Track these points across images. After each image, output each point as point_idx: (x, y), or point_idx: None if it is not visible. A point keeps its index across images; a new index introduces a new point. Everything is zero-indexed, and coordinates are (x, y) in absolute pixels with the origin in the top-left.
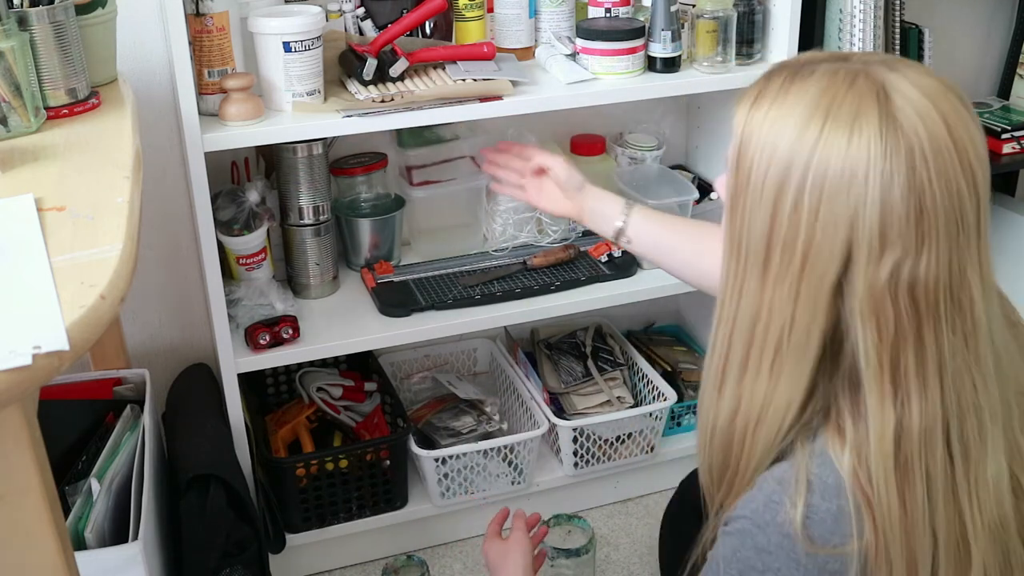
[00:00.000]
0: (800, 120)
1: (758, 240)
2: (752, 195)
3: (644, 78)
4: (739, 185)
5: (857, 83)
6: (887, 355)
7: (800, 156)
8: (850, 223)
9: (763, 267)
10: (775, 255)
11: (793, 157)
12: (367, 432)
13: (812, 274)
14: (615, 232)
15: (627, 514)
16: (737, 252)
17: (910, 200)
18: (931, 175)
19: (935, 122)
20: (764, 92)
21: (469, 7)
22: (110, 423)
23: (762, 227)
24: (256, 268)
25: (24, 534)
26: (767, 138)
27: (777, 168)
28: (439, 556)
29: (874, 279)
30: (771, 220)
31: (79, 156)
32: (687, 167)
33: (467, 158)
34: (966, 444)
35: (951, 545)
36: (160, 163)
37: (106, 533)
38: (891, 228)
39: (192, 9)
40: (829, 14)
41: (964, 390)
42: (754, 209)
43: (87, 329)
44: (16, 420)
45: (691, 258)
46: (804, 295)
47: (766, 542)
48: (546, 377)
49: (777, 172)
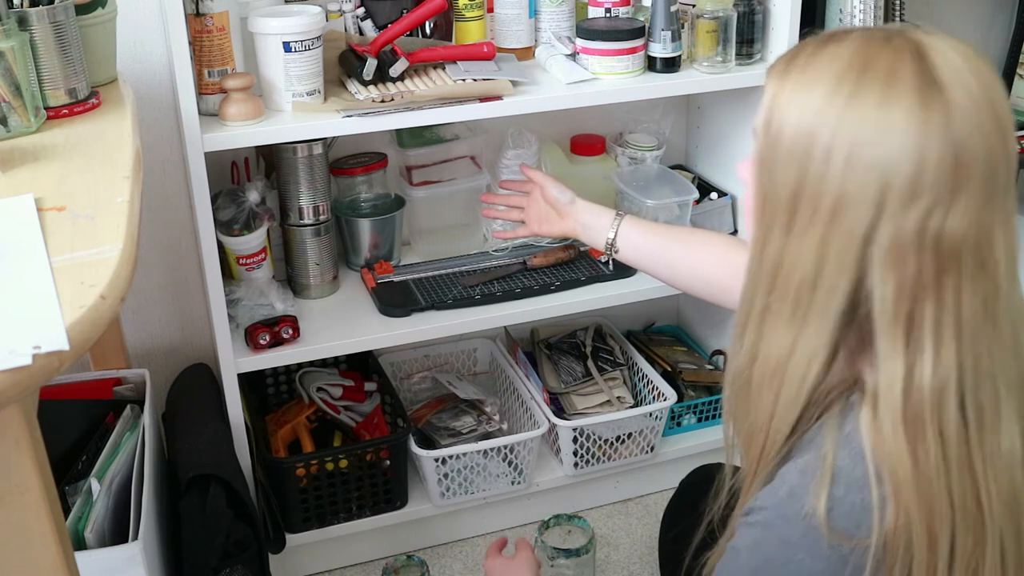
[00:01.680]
0: (834, 76)
1: (785, 194)
2: (781, 151)
3: (644, 78)
4: (767, 145)
5: (893, 42)
6: (904, 306)
7: (833, 108)
8: (883, 173)
9: (788, 220)
10: (801, 207)
11: (826, 109)
12: (367, 432)
13: (840, 226)
14: (607, 244)
15: (627, 514)
16: (762, 210)
17: (946, 151)
18: (968, 129)
19: (972, 81)
20: (796, 58)
21: (469, 7)
22: (110, 423)
23: (790, 181)
24: (256, 268)
25: (24, 534)
26: (799, 96)
27: (809, 122)
28: (439, 556)
29: (901, 227)
30: (800, 173)
31: (79, 156)
32: (687, 167)
33: (467, 158)
34: (980, 411)
35: (967, 514)
36: (160, 163)
37: (106, 533)
38: (925, 177)
39: (192, 9)
40: (829, 14)
41: (981, 355)
42: (784, 164)
43: (87, 329)
44: (16, 420)
45: (680, 261)
46: (832, 246)
47: (789, 534)
48: (546, 377)
49: (808, 125)
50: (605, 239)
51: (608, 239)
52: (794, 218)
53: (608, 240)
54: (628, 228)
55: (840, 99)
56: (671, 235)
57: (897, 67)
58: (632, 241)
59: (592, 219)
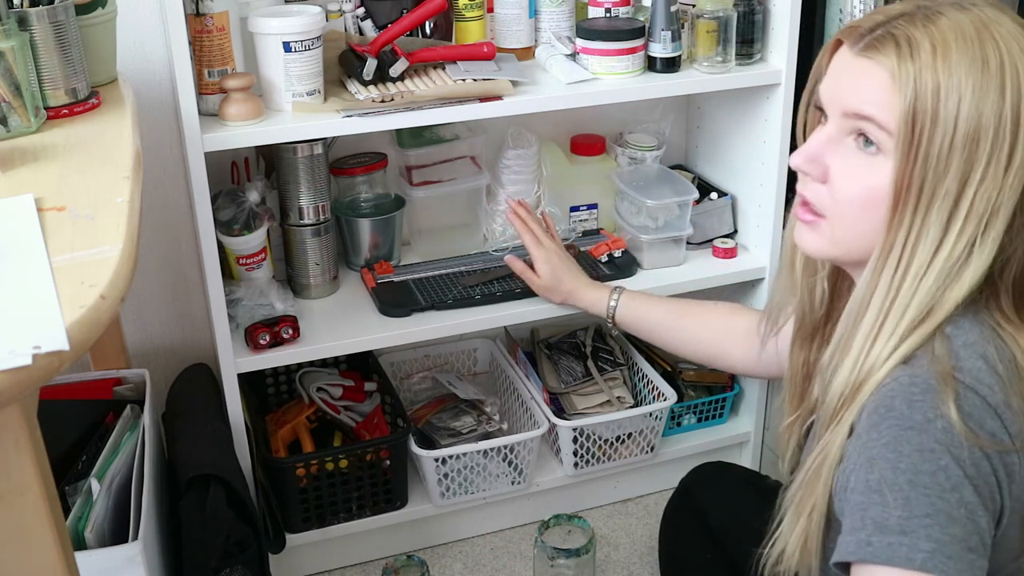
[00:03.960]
0: (968, 55)
1: (951, 184)
2: (951, 137)
3: (644, 78)
4: (923, 134)
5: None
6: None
7: (993, 93)
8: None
9: (952, 209)
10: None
11: (985, 95)
12: (367, 432)
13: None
14: (607, 317)
15: (627, 514)
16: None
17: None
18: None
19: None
20: (912, 39)
21: (469, 7)
22: (110, 423)
23: (957, 171)
24: (256, 268)
25: (24, 534)
26: (945, 84)
27: (969, 111)
28: (439, 556)
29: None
30: (967, 164)
31: (79, 156)
32: (687, 167)
33: (467, 158)
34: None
35: None
36: (160, 163)
37: (106, 533)
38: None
39: (192, 9)
40: (829, 14)
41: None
42: (949, 154)
43: (87, 329)
44: (16, 420)
45: (683, 329)
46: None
47: (925, 441)
48: (546, 377)
49: (969, 114)
50: (604, 312)
51: (608, 310)
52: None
53: (608, 311)
54: (626, 299)
55: (984, 60)
56: (667, 306)
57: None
58: (630, 313)
59: (589, 297)
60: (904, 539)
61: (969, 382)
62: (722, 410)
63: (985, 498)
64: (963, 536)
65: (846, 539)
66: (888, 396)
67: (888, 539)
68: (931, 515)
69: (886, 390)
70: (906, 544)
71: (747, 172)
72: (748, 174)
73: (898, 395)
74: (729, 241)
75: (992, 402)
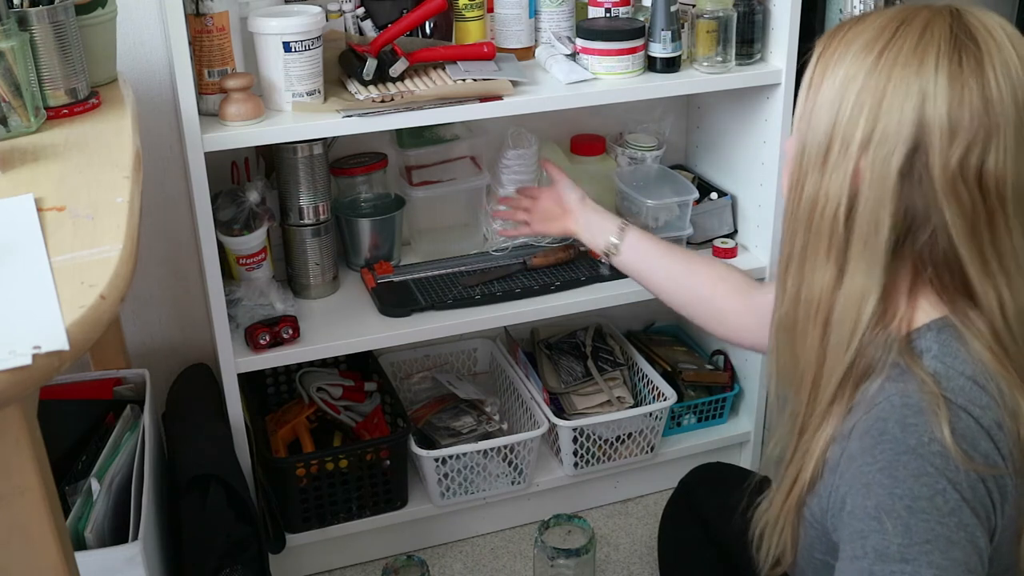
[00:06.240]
0: (874, 31)
1: (820, 136)
2: (821, 99)
3: (644, 78)
4: (809, 98)
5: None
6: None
7: (870, 55)
8: (918, 106)
9: (823, 158)
10: (836, 144)
11: (863, 56)
12: (367, 432)
13: (876, 157)
14: (608, 245)
15: (627, 514)
16: (800, 157)
17: (978, 93)
18: (999, 77)
19: (1004, 37)
20: (843, 23)
21: (469, 7)
22: (110, 423)
23: (825, 122)
24: (256, 268)
25: (24, 534)
26: (840, 50)
27: (846, 68)
28: (439, 556)
29: (946, 162)
30: (835, 113)
31: (79, 156)
32: (687, 167)
33: (467, 158)
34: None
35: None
36: (160, 163)
37: (106, 533)
38: (961, 117)
39: (192, 9)
40: (829, 14)
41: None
42: (820, 108)
43: (87, 329)
44: (16, 420)
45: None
46: (868, 178)
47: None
48: (546, 377)
49: (845, 71)
50: (607, 239)
51: (611, 241)
52: (828, 156)
53: (610, 241)
54: (636, 233)
55: (877, 46)
56: (676, 250)
57: (933, 21)
58: (638, 246)
59: (598, 219)
60: (906, 567)
61: (961, 403)
62: (722, 410)
63: (982, 519)
64: (963, 559)
65: (848, 567)
66: (880, 419)
67: (890, 568)
68: (931, 541)
69: (878, 411)
70: (908, 572)
71: (747, 172)
72: (748, 174)
73: (891, 417)
74: (729, 241)
75: (985, 424)
